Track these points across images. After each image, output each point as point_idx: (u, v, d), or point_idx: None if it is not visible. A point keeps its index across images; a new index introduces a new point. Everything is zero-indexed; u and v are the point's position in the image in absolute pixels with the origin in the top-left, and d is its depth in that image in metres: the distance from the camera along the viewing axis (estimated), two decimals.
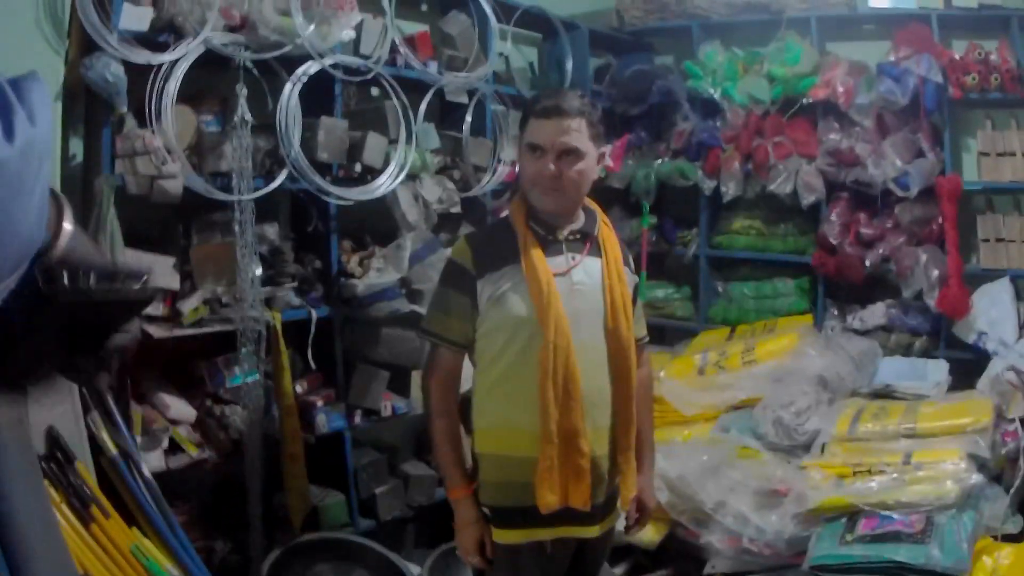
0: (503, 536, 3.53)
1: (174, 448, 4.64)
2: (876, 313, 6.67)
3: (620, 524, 3.93)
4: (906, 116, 6.52)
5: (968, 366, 6.11)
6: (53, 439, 4.00)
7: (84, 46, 4.26)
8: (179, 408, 4.71)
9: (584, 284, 3.51)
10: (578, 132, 3.41)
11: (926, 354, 6.39)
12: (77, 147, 4.58)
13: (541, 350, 3.37)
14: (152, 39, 4.46)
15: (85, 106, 4.51)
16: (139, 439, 4.41)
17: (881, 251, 6.53)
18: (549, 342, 3.36)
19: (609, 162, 6.79)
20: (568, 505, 3.42)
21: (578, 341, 3.42)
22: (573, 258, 3.51)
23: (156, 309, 4.55)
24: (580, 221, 3.60)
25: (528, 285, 3.41)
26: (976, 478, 4.69)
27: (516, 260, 3.45)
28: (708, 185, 7.12)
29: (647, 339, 3.95)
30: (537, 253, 3.44)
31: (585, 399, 3.44)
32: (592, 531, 3.60)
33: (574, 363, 3.39)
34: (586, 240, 3.57)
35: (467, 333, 3.55)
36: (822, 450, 5.16)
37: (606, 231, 3.66)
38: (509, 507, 3.52)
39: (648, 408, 3.97)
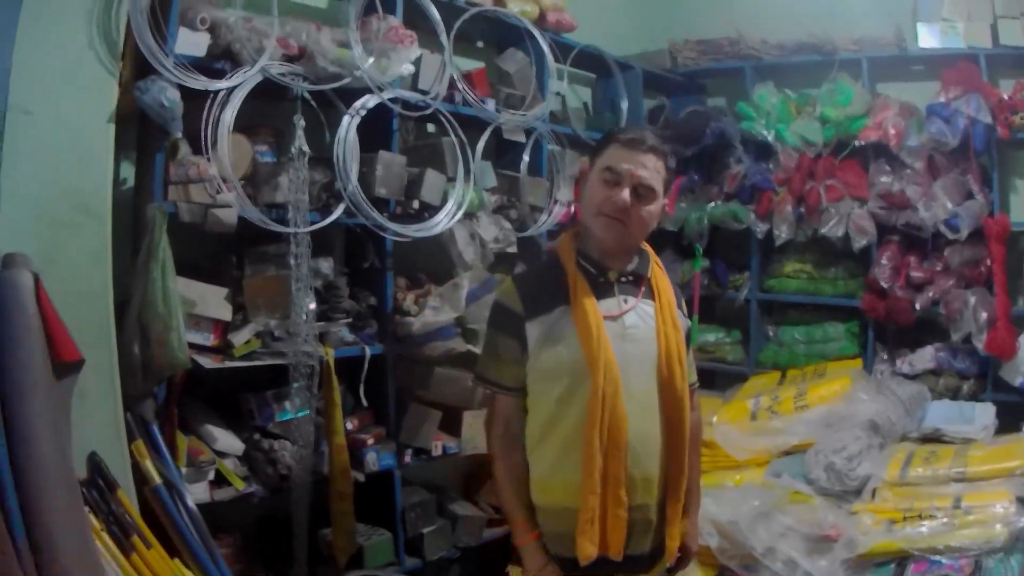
0: None
1: (220, 480, 4.47)
2: (925, 356, 6.46)
3: None
4: (956, 157, 6.33)
5: (1015, 408, 5.92)
6: (95, 465, 3.84)
7: (138, 69, 4.12)
8: (226, 440, 4.54)
9: (637, 328, 3.35)
10: (656, 172, 3.27)
11: (973, 397, 6.20)
12: (128, 172, 4.48)
13: (589, 396, 3.21)
14: (208, 66, 4.32)
15: (138, 131, 4.40)
16: (184, 470, 4.25)
17: (930, 294, 6.34)
18: (598, 388, 3.20)
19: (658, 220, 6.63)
20: (604, 554, 3.27)
21: (628, 388, 3.28)
22: (625, 301, 3.37)
23: (206, 339, 4.42)
24: (633, 263, 3.43)
25: (577, 328, 3.26)
26: None
27: (565, 301, 3.31)
28: (760, 228, 6.93)
29: (697, 384, 3.76)
30: (587, 295, 3.29)
31: (633, 447, 3.29)
32: None
33: (622, 410, 3.24)
34: (639, 283, 3.42)
35: (520, 377, 3.41)
36: (873, 495, 5.00)
37: (658, 273, 3.49)
38: (562, 557, 3.36)
39: (696, 452, 3.75)
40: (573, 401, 3.26)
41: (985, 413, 5.76)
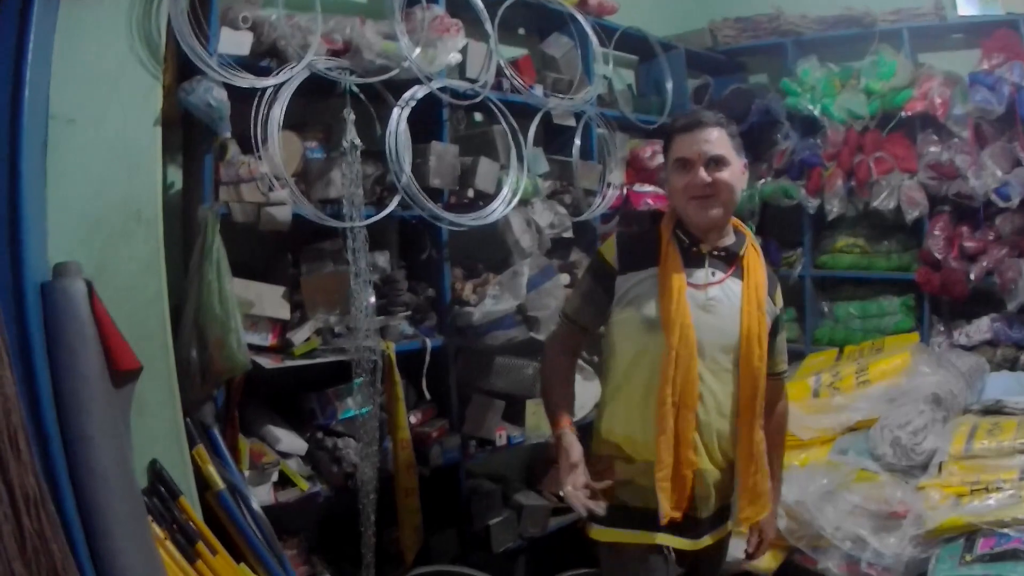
0: (603, 535, 3.45)
1: (284, 482, 4.39)
2: (981, 328, 6.35)
3: (738, 551, 3.85)
4: (1002, 125, 6.17)
5: None
6: (156, 473, 3.74)
7: (181, 71, 4.01)
8: (289, 441, 4.44)
9: (719, 302, 3.37)
10: (720, 141, 3.32)
11: None
12: (175, 175, 4.35)
13: (664, 355, 3.27)
14: (253, 64, 4.20)
15: (183, 133, 4.29)
16: (247, 473, 4.17)
17: (984, 264, 6.20)
18: (672, 347, 3.25)
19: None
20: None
21: (704, 355, 3.32)
22: (713, 274, 3.40)
23: (264, 340, 4.33)
24: (729, 239, 3.48)
25: (659, 289, 3.34)
26: None
27: (656, 264, 3.38)
28: (811, 204, 6.84)
29: (786, 372, 3.79)
30: (675, 261, 3.36)
31: (705, 414, 3.34)
32: (692, 545, 3.44)
33: (695, 375, 3.28)
34: (731, 261, 3.45)
35: (596, 321, 3.55)
36: (939, 469, 4.82)
37: (753, 255, 3.50)
38: (629, 507, 3.41)
39: (781, 440, 3.86)
40: (646, 358, 3.33)
41: None
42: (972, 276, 6.16)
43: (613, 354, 3.48)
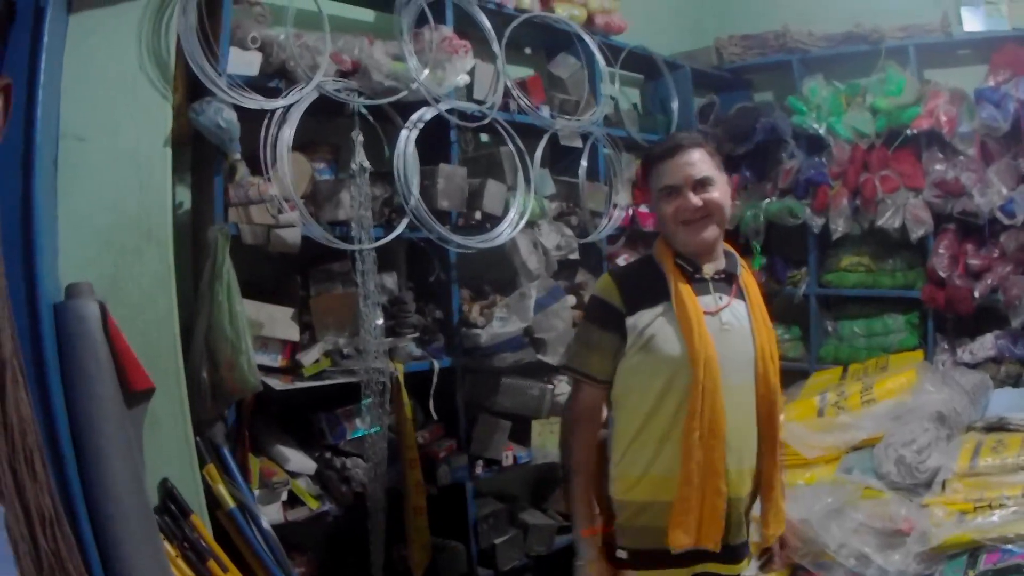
0: None
1: (294, 501, 4.42)
2: (985, 345, 6.33)
3: (749, 569, 3.71)
4: (1008, 142, 6.19)
5: None
6: (167, 491, 3.78)
7: (191, 91, 4.04)
8: (299, 460, 4.47)
9: (732, 326, 3.34)
10: (703, 161, 3.34)
11: None
12: (184, 195, 4.39)
13: (691, 389, 3.21)
14: (262, 85, 4.24)
15: (193, 153, 4.32)
16: (257, 492, 4.19)
17: (989, 281, 6.20)
18: (699, 382, 3.19)
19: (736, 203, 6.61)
20: (700, 546, 3.25)
21: (726, 383, 3.24)
22: (721, 298, 3.36)
23: (275, 360, 4.36)
24: (722, 261, 3.45)
25: (680, 324, 3.26)
26: None
27: (668, 298, 3.31)
28: (816, 223, 6.82)
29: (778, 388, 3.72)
30: (688, 291, 3.29)
31: (730, 441, 3.26)
32: (733, 569, 3.41)
33: (721, 405, 3.21)
34: (731, 282, 3.43)
35: (609, 370, 3.42)
36: (943, 487, 4.87)
37: (747, 275, 3.52)
38: (649, 550, 3.33)
39: (781, 449, 3.74)
40: (672, 395, 3.26)
41: None
42: (977, 293, 6.17)
43: (631, 395, 3.38)
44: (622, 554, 3.39)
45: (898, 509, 4.81)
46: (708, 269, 3.36)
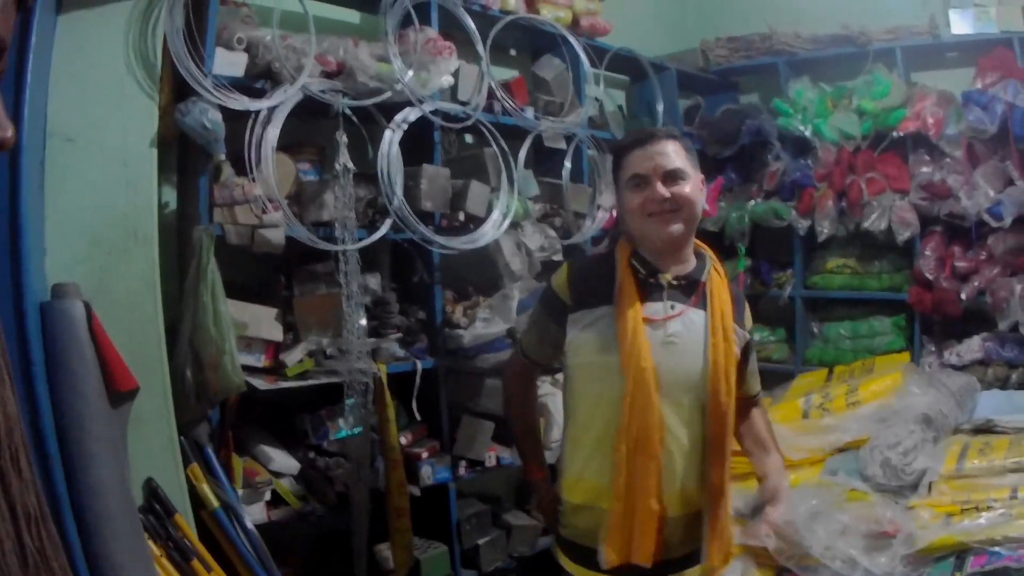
0: (574, 568, 3.40)
1: (277, 501, 4.47)
2: (972, 347, 6.39)
3: (733, 572, 4.01)
4: (995, 144, 6.25)
5: None
6: (152, 491, 3.82)
7: (177, 92, 4.08)
8: (282, 460, 4.53)
9: (680, 337, 3.21)
10: (677, 154, 3.22)
11: (1023, 386, 6.12)
12: (170, 196, 4.43)
13: (621, 402, 3.14)
14: (247, 86, 4.29)
15: (179, 153, 4.37)
16: (241, 492, 4.23)
17: (976, 284, 6.28)
18: (627, 395, 3.11)
19: (705, 205, 6.61)
20: (631, 562, 3.19)
21: (668, 398, 3.16)
22: (673, 307, 3.22)
23: (259, 361, 4.41)
24: (689, 265, 3.31)
25: (617, 331, 3.17)
26: None
27: (612, 301, 3.23)
28: (802, 225, 6.89)
29: (761, 394, 3.72)
30: (631, 296, 3.19)
31: (671, 459, 3.18)
32: None
33: (656, 420, 3.12)
34: (693, 289, 3.27)
35: (548, 357, 3.53)
36: (929, 489, 4.89)
37: (717, 280, 3.34)
38: (586, 547, 3.29)
39: (772, 440, 3.73)
40: (604, 404, 3.21)
41: None
42: (964, 296, 6.24)
43: (573, 396, 3.39)
44: (564, 541, 3.45)
45: (884, 511, 4.80)
46: (667, 274, 3.24)
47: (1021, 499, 4.51)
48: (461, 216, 5.06)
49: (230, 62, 4.19)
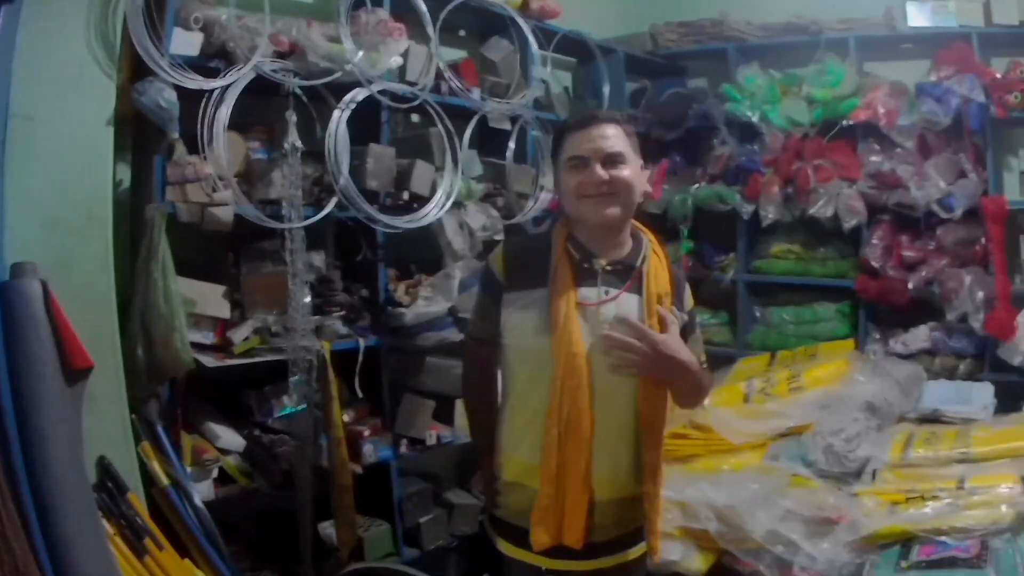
0: (505, 547, 3.45)
1: (224, 478, 4.55)
2: (919, 336, 6.54)
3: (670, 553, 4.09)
4: (948, 136, 6.41)
5: (1013, 389, 5.94)
6: (105, 469, 3.91)
7: (135, 71, 4.17)
8: (229, 438, 4.63)
9: (612, 323, 3.23)
10: (617, 138, 3.22)
11: (971, 377, 6.25)
12: (124, 173, 4.49)
13: (551, 385, 3.19)
14: (202, 65, 4.38)
15: (134, 132, 4.42)
16: (190, 469, 4.32)
17: (924, 274, 6.41)
18: (558, 378, 3.16)
19: (649, 187, 6.76)
20: (562, 543, 3.24)
21: (599, 381, 3.20)
22: (607, 292, 3.25)
23: (207, 338, 4.50)
24: (625, 248, 3.33)
25: (550, 315, 3.19)
26: None
27: (545, 284, 3.25)
28: (747, 209, 6.99)
29: (705, 364, 3.52)
30: (564, 282, 3.23)
31: (602, 443, 3.23)
32: (579, 566, 3.36)
33: (584, 404, 3.17)
34: (628, 274, 3.30)
35: (494, 334, 3.39)
36: (874, 477, 5.00)
37: (655, 263, 3.35)
38: (516, 527, 3.36)
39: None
40: (537, 386, 3.23)
41: (984, 393, 5.79)
42: (912, 285, 6.37)
43: (508, 375, 3.42)
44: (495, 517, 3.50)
45: (827, 498, 4.91)
46: (602, 259, 3.26)
47: (968, 490, 4.61)
48: (406, 195, 5.17)
49: (186, 42, 4.28)
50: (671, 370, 3.21)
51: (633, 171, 3.23)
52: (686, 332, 3.37)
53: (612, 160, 3.19)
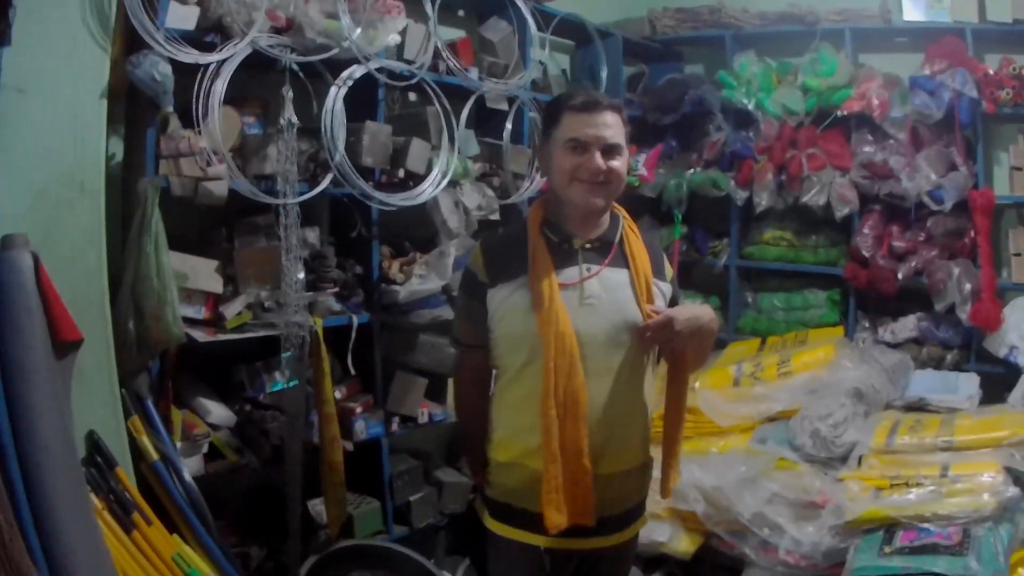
0: (499, 528, 3.47)
1: (214, 454, 4.51)
2: (907, 326, 6.56)
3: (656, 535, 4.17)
4: (940, 130, 6.39)
5: (999, 380, 5.94)
6: (94, 443, 3.88)
7: (129, 44, 4.11)
8: (219, 413, 4.59)
9: (598, 298, 3.30)
10: (617, 128, 3.30)
11: (957, 367, 6.26)
12: (117, 147, 4.44)
13: (543, 368, 3.20)
14: (198, 39, 4.31)
15: (127, 105, 4.37)
16: (179, 444, 4.29)
17: (913, 264, 6.40)
18: (550, 360, 3.18)
19: (643, 171, 6.70)
20: (574, 523, 3.25)
21: (591, 358, 3.25)
22: (588, 269, 3.32)
23: (199, 313, 4.45)
24: (603, 227, 3.41)
25: (532, 300, 3.24)
26: (1013, 491, 4.54)
27: (526, 271, 3.29)
28: (740, 196, 7.01)
29: None
30: (544, 265, 3.27)
31: (598, 417, 3.26)
32: (580, 543, 3.40)
33: (579, 384, 3.20)
34: (608, 249, 3.37)
35: (483, 337, 3.45)
36: (859, 462, 5.03)
37: (632, 238, 3.44)
38: (513, 507, 3.41)
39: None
40: (531, 370, 3.27)
41: (969, 383, 5.80)
42: (900, 275, 6.36)
43: (499, 364, 3.45)
44: (488, 500, 3.52)
45: (812, 481, 4.97)
46: (579, 239, 3.33)
47: (951, 477, 4.64)
48: (401, 173, 5.13)
49: (182, 16, 4.22)
50: (708, 333, 3.37)
51: (624, 162, 3.33)
52: (675, 300, 3.55)
53: (611, 151, 3.27)
